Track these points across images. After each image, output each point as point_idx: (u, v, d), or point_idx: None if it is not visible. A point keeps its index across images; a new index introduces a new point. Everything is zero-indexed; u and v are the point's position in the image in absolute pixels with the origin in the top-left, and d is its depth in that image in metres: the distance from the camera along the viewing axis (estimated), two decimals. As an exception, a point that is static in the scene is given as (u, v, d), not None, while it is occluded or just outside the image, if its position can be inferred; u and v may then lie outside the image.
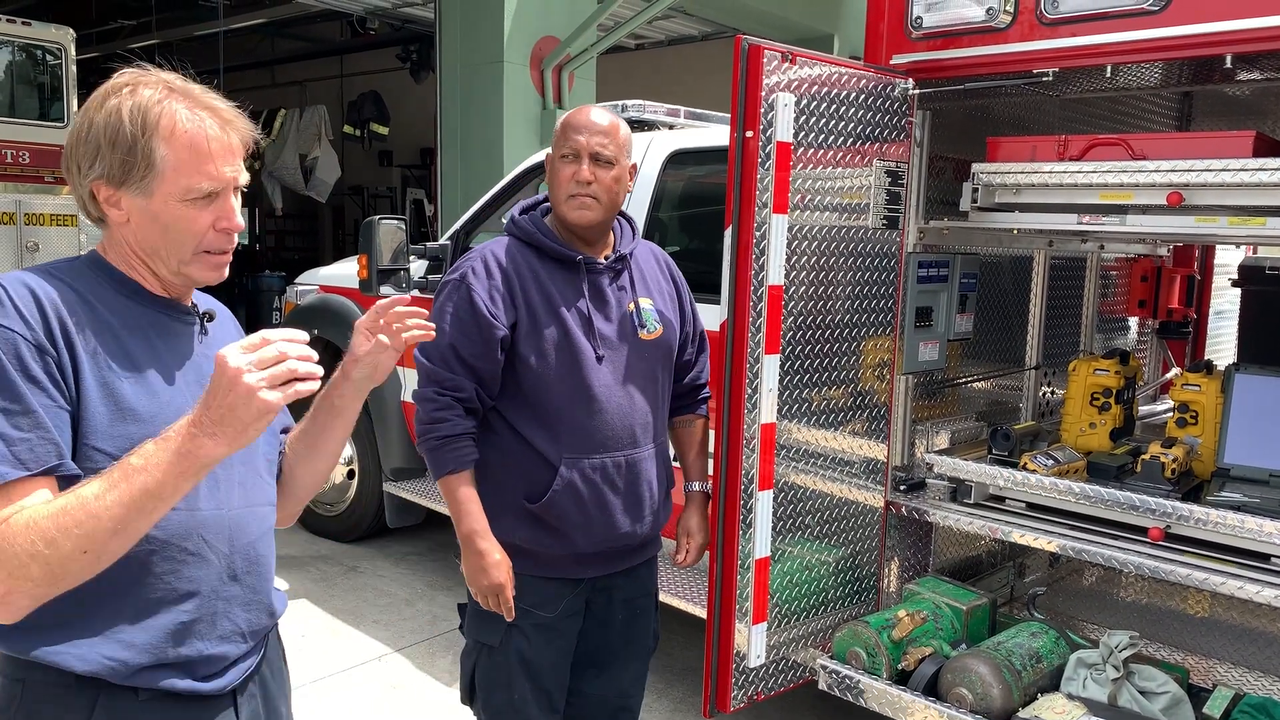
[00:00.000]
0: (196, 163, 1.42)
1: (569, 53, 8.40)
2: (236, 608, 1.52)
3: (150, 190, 1.42)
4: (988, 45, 2.92)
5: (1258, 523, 2.60)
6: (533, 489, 2.28)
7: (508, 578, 2.23)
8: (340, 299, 5.60)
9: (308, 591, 4.97)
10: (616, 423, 2.30)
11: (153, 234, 1.45)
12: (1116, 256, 4.30)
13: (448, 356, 2.24)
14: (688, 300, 2.57)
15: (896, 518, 3.33)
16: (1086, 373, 3.44)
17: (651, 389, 2.40)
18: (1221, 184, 2.58)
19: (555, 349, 2.25)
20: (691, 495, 2.59)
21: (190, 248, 1.46)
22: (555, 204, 2.33)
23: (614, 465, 2.30)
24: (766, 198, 2.76)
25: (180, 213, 1.43)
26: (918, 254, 3.24)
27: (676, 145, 4.25)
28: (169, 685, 1.43)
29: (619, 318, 2.34)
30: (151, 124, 1.40)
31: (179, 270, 1.48)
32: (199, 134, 1.42)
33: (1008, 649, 2.88)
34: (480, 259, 2.31)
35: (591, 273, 2.33)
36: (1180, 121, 4.09)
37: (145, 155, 1.40)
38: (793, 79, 2.79)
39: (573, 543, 2.30)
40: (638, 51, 12.81)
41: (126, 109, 1.40)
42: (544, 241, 2.32)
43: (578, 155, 2.27)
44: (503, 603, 2.23)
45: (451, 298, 2.29)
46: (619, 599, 2.44)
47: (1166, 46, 2.63)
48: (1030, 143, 3.03)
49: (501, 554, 2.23)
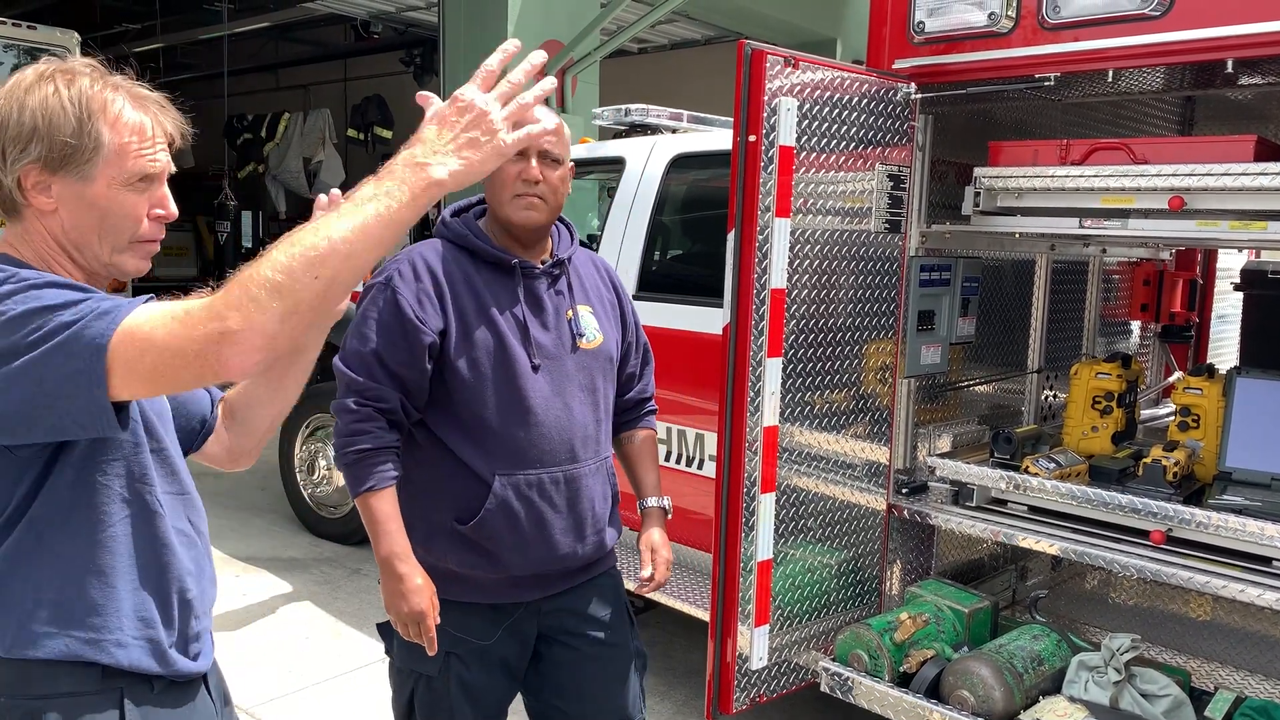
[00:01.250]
0: (140, 146, 1.41)
1: (572, 57, 8.41)
2: (208, 585, 1.58)
3: (92, 175, 1.38)
4: (990, 50, 2.93)
5: (1259, 526, 2.60)
6: (463, 508, 2.13)
7: (430, 605, 2.06)
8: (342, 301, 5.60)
9: (311, 594, 4.98)
10: (554, 436, 2.16)
11: (87, 222, 1.41)
12: (1119, 261, 4.31)
13: (370, 365, 2.08)
14: (630, 310, 2.43)
15: (899, 521, 3.34)
16: (1088, 376, 3.45)
17: (591, 400, 2.25)
18: (1223, 188, 2.59)
19: (488, 357, 2.11)
20: (649, 512, 2.41)
21: (128, 235, 1.43)
22: (497, 204, 2.18)
23: (551, 481, 2.16)
24: (769, 201, 2.77)
25: (122, 198, 1.41)
26: (920, 258, 3.25)
27: (680, 149, 4.27)
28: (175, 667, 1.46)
29: (556, 325, 2.20)
30: (97, 108, 1.38)
31: (110, 260, 1.44)
32: (139, 118, 1.42)
33: (1009, 651, 2.89)
34: (408, 262, 2.14)
35: (528, 278, 2.19)
36: (1183, 126, 4.09)
37: (92, 137, 1.37)
38: (795, 83, 2.80)
39: (505, 565, 2.15)
40: (641, 56, 12.84)
41: (65, 95, 1.37)
42: (477, 244, 2.17)
43: (525, 152, 2.10)
44: (424, 631, 2.06)
45: (375, 302, 2.12)
46: (571, 626, 2.28)
47: (1168, 51, 2.64)
48: (1032, 147, 3.04)
49: (424, 578, 2.07)
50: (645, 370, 2.49)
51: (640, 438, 2.47)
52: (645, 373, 2.49)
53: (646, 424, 2.50)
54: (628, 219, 4.30)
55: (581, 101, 8.57)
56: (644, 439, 2.48)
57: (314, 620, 4.68)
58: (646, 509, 2.42)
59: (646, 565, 2.35)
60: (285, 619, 4.71)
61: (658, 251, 4.34)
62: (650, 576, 2.35)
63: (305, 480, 5.82)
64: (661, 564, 2.36)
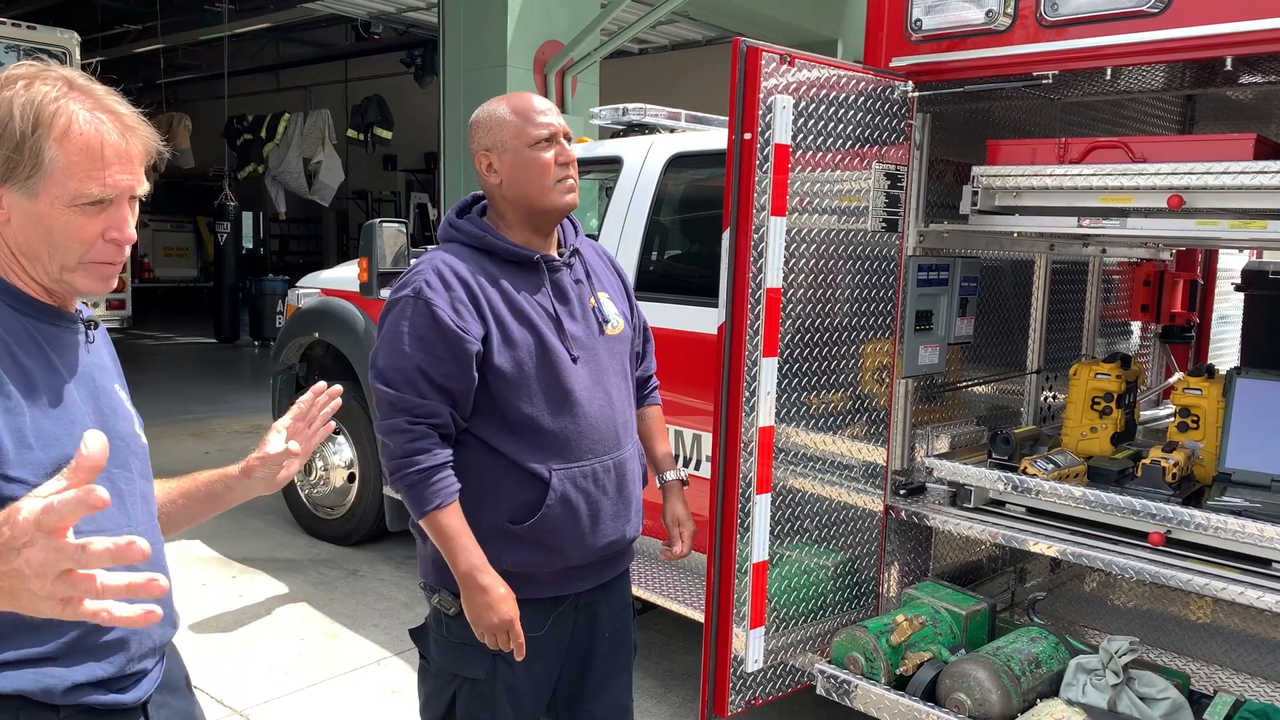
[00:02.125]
0: (88, 167, 1.32)
1: (572, 57, 8.40)
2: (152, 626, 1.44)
3: (35, 191, 1.32)
4: (988, 48, 2.91)
5: (1259, 528, 2.58)
6: (518, 509, 2.12)
7: (515, 612, 2.06)
8: (341, 302, 5.60)
9: (307, 595, 4.96)
10: (602, 425, 2.18)
11: (34, 237, 1.35)
12: (1119, 261, 4.29)
13: (415, 380, 2.03)
14: (632, 292, 2.47)
15: (896, 522, 3.32)
16: (1087, 377, 3.43)
17: (624, 386, 2.29)
18: (1222, 187, 2.57)
19: (530, 357, 2.09)
20: (669, 485, 2.47)
21: (76, 256, 1.36)
22: (539, 194, 2.14)
23: (603, 469, 2.19)
24: (765, 200, 2.75)
25: (67, 219, 1.33)
26: (918, 257, 3.23)
27: (677, 149, 4.25)
28: (91, 701, 1.41)
29: (583, 315, 2.22)
30: (45, 121, 1.31)
31: (60, 278, 1.38)
32: (94, 137, 1.33)
33: (1007, 654, 2.87)
34: (432, 270, 2.10)
35: (552, 271, 2.19)
36: (1183, 125, 4.08)
37: (33, 153, 1.30)
38: (791, 81, 2.78)
39: (566, 557, 2.17)
40: (641, 56, 12.84)
41: (19, 103, 1.31)
42: (496, 244, 2.15)
43: (554, 137, 2.13)
44: (513, 638, 2.06)
45: (405, 315, 2.07)
46: (604, 615, 2.33)
47: (1167, 49, 2.62)
48: (1030, 145, 3.02)
49: (506, 588, 2.06)
50: (647, 348, 2.53)
51: (651, 414, 2.53)
52: (648, 350, 2.53)
53: (653, 400, 2.55)
54: (625, 218, 4.28)
55: (581, 102, 8.56)
56: (654, 415, 2.54)
57: (310, 622, 4.66)
58: (667, 483, 2.47)
59: (676, 541, 2.42)
60: (281, 620, 4.69)
61: (655, 251, 4.33)
62: (680, 551, 2.42)
63: (302, 481, 5.80)
64: (688, 536, 2.44)
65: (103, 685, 1.44)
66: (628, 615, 2.43)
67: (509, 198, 2.18)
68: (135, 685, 1.50)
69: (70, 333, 1.45)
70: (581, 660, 2.33)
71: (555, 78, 8.48)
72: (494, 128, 2.16)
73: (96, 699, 1.42)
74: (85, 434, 1.02)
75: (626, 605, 2.43)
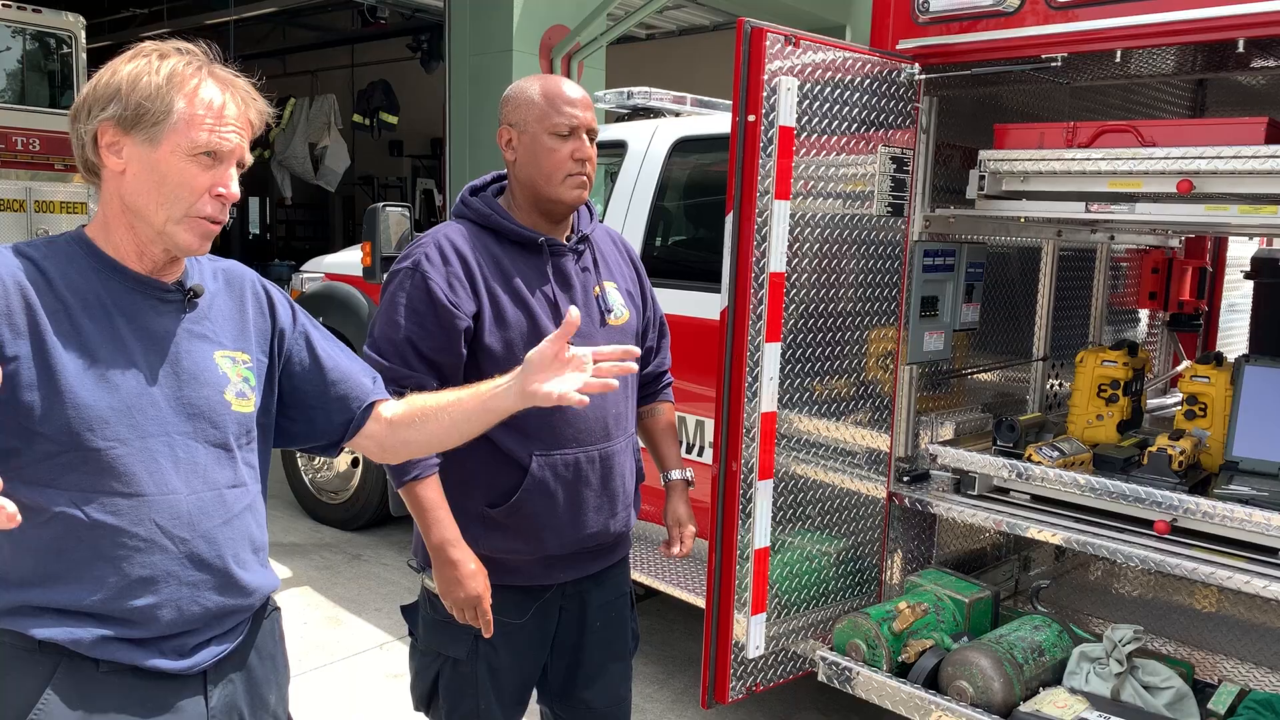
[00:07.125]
0: (211, 122, 1.45)
1: (578, 42, 8.36)
2: (207, 591, 1.50)
3: (158, 139, 1.44)
4: (996, 30, 2.88)
5: (1266, 516, 2.56)
6: (496, 492, 2.13)
7: (485, 589, 2.07)
8: (345, 287, 5.59)
9: (310, 579, 4.97)
10: (589, 414, 2.13)
11: (147, 186, 1.45)
12: (1127, 248, 4.25)
13: (405, 352, 2.06)
14: (647, 284, 2.43)
15: (899, 509, 3.30)
16: (1094, 364, 3.40)
17: (621, 378, 2.20)
18: (1233, 171, 2.54)
19: (522, 338, 2.08)
20: (673, 484, 2.44)
21: (183, 206, 1.46)
22: (546, 184, 2.13)
23: (587, 460, 2.16)
24: (768, 183, 2.72)
25: (182, 167, 1.45)
26: (923, 242, 3.20)
27: (682, 132, 4.22)
28: (130, 660, 1.44)
29: (585, 303, 2.18)
30: (177, 81, 1.45)
31: (163, 229, 1.46)
32: (218, 97, 1.47)
33: (1010, 642, 2.85)
34: (434, 244, 2.11)
35: (555, 255, 2.17)
36: (1194, 110, 4.03)
37: (164, 103, 1.43)
38: (796, 63, 2.75)
39: (543, 545, 2.16)
40: (648, 42, 12.76)
41: (155, 64, 1.45)
42: (502, 224, 2.15)
43: (574, 131, 2.12)
44: (480, 615, 2.07)
45: (403, 286, 2.08)
46: (594, 605, 2.30)
47: (1178, 30, 2.58)
48: (1038, 129, 2.98)
49: (477, 563, 2.07)
50: (662, 343, 2.50)
51: (661, 411, 2.50)
52: (662, 345, 2.50)
53: (665, 397, 2.52)
54: (629, 203, 4.26)
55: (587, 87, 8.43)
56: (664, 413, 2.50)
57: (313, 606, 4.66)
58: (671, 481, 2.44)
59: (675, 542, 2.39)
60: (284, 604, 4.64)
61: (659, 236, 4.30)
62: (680, 551, 2.38)
63: (306, 465, 5.81)
64: (688, 538, 2.40)
65: (138, 645, 1.45)
66: (623, 605, 2.39)
67: (519, 179, 2.18)
68: (190, 654, 1.50)
69: (154, 299, 1.51)
70: (572, 650, 2.31)
71: (561, 63, 8.44)
72: (520, 105, 2.16)
73: (135, 659, 1.45)
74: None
75: (622, 595, 2.39)
